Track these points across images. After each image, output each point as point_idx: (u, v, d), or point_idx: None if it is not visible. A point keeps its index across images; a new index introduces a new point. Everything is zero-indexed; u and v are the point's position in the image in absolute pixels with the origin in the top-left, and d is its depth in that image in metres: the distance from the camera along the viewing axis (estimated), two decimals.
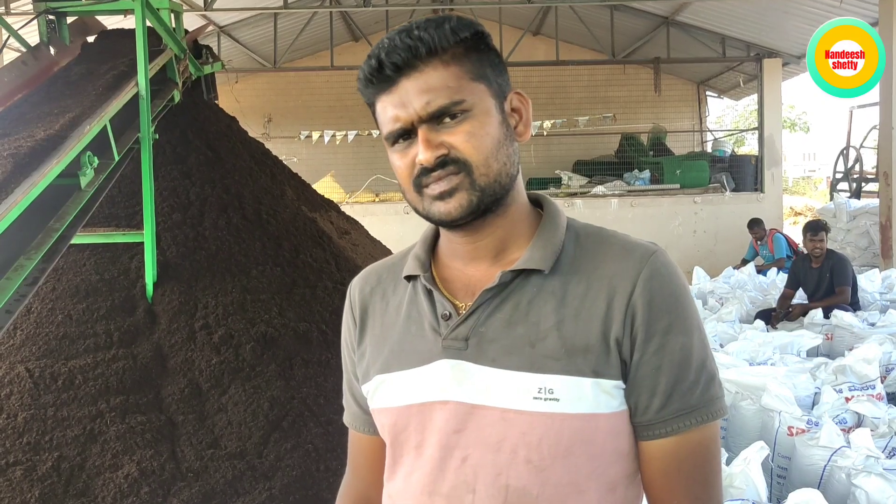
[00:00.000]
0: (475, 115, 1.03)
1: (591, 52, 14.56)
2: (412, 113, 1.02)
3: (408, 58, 1.02)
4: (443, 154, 1.02)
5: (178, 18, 4.57)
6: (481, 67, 1.06)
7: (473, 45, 1.05)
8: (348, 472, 1.29)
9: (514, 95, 1.10)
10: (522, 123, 1.10)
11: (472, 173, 1.02)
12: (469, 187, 1.03)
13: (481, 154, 1.02)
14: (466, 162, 1.02)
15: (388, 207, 12.11)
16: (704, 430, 1.04)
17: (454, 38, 1.03)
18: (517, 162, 1.08)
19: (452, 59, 1.03)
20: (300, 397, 3.42)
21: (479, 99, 1.04)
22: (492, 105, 1.05)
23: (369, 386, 1.15)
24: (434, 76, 1.02)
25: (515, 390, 1.02)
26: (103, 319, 3.53)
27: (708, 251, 11.77)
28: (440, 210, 1.04)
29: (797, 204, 21.77)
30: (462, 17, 1.08)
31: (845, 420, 3.73)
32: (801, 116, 32.24)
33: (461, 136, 1.02)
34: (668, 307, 1.03)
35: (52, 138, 2.94)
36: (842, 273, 6.49)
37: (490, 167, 1.03)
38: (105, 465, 3.04)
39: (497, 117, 1.05)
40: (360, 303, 1.21)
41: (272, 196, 4.59)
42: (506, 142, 1.06)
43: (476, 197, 1.03)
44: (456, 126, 1.02)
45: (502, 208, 1.08)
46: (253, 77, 14.91)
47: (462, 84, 1.03)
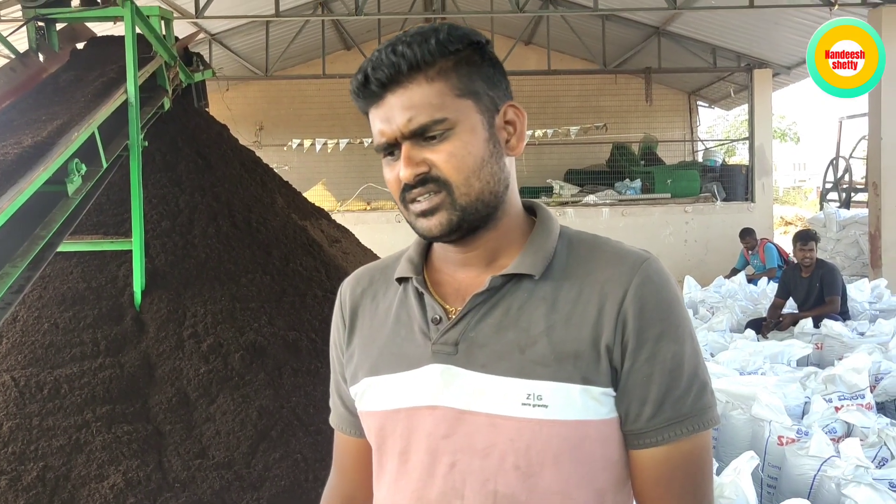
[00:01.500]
0: (458, 134, 1.02)
1: (583, 62, 14.62)
2: (395, 129, 1.02)
3: (391, 74, 1.01)
4: (423, 172, 1.02)
5: (169, 25, 4.56)
6: (470, 82, 1.04)
7: (465, 57, 1.04)
8: (333, 474, 1.28)
9: (509, 108, 1.08)
10: (516, 137, 1.08)
11: (452, 193, 1.02)
12: (449, 207, 1.02)
13: (462, 174, 1.02)
14: (447, 181, 1.02)
15: (380, 216, 12.11)
16: (696, 440, 1.03)
17: (441, 52, 1.02)
18: (506, 178, 1.07)
19: (438, 74, 1.02)
20: (289, 407, 3.40)
21: (463, 116, 1.02)
22: (478, 121, 1.04)
23: (357, 388, 1.14)
24: (417, 93, 1.01)
25: (504, 396, 1.01)
26: (90, 328, 3.50)
27: (699, 260, 11.81)
28: (423, 227, 1.04)
29: (787, 213, 21.87)
30: (456, 27, 1.05)
31: (835, 430, 3.73)
32: (791, 126, 32.45)
33: (442, 155, 1.01)
34: (659, 315, 1.02)
35: (39, 145, 2.92)
36: (831, 283, 6.52)
37: (471, 187, 1.02)
38: (90, 476, 3.01)
39: (483, 134, 1.04)
40: (350, 303, 1.20)
41: (262, 204, 4.57)
42: (491, 159, 1.04)
43: (456, 216, 1.03)
44: (438, 144, 1.01)
45: (493, 222, 1.07)
46: (245, 85, 14.90)
47: (446, 101, 1.01)
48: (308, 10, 12.69)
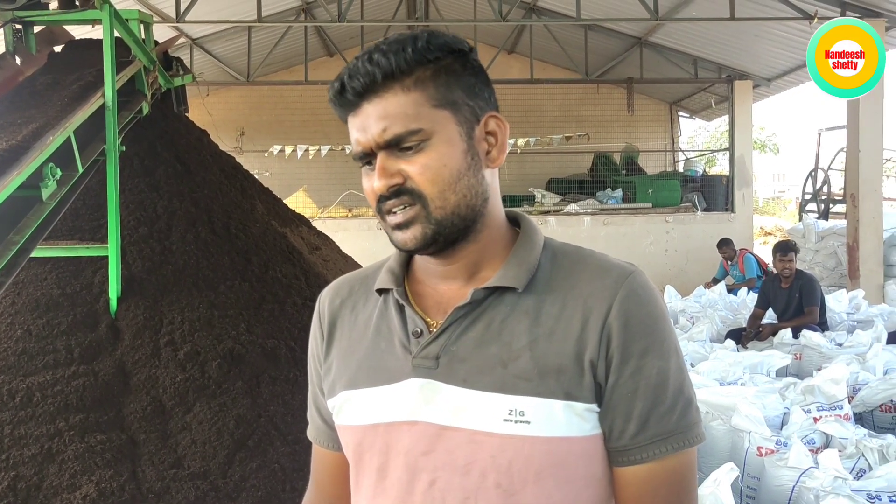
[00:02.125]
0: (433, 145, 1.00)
1: (566, 71, 14.67)
2: (370, 139, 1.00)
3: (367, 83, 1.00)
4: (397, 183, 1.00)
5: (148, 29, 4.52)
6: (449, 92, 1.02)
7: (445, 66, 1.02)
8: (310, 488, 1.25)
9: (491, 118, 1.05)
10: (496, 148, 1.05)
11: (427, 206, 1.00)
12: (424, 220, 1.00)
13: (437, 186, 1.00)
14: (421, 194, 1.00)
15: (361, 223, 12.07)
16: (681, 457, 1.01)
17: (418, 60, 1.00)
18: (485, 190, 1.04)
19: (415, 83, 1.00)
20: (267, 416, 3.36)
21: (439, 127, 1.00)
22: (455, 133, 1.01)
23: (335, 402, 1.12)
24: (393, 103, 0.99)
25: (485, 412, 0.99)
26: (64, 335, 3.45)
27: (679, 270, 11.86)
28: (398, 239, 1.03)
29: (767, 224, 22.03)
30: (438, 34, 1.03)
31: (813, 440, 3.74)
32: (770, 138, 32.76)
33: (417, 167, 0.99)
34: (644, 330, 1.00)
35: (13, 149, 2.87)
36: (810, 293, 6.56)
37: (447, 200, 1.00)
38: (63, 486, 2.95)
39: (461, 146, 1.01)
40: (328, 314, 1.17)
41: (242, 210, 4.53)
42: (469, 172, 1.02)
43: (431, 230, 1.01)
44: (413, 156, 0.99)
45: (472, 235, 1.05)
46: (226, 90, 14.82)
47: (421, 112, 0.99)
48: (291, 15, 12.67)
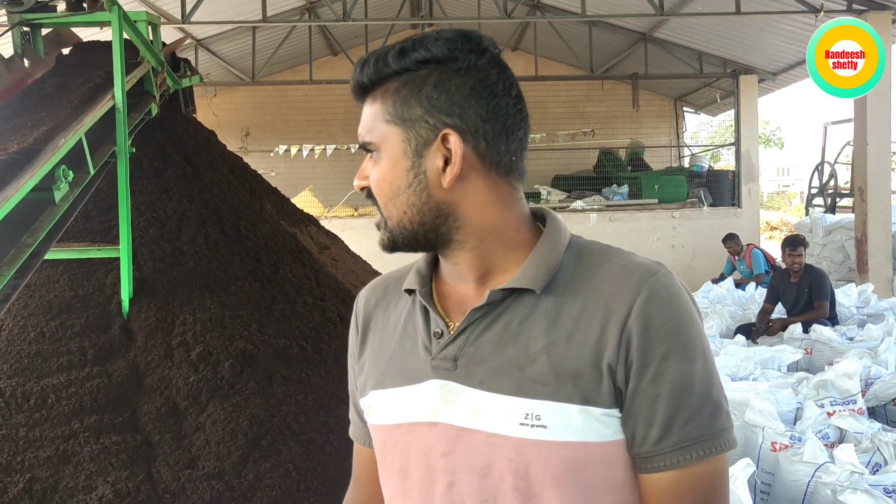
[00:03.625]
0: (379, 160, 1.02)
1: (570, 68, 14.64)
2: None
3: (356, 90, 1.05)
4: (364, 185, 1.05)
5: (156, 31, 4.52)
6: (405, 107, 0.99)
7: (412, 80, 1.00)
8: (351, 485, 1.26)
9: (449, 136, 0.99)
10: (449, 168, 0.99)
11: (381, 213, 1.05)
12: (385, 226, 1.05)
13: (381, 198, 1.03)
14: (377, 201, 1.05)
15: (367, 222, 12.05)
16: (709, 465, 0.98)
17: (386, 74, 1.01)
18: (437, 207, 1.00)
19: (382, 95, 1.02)
20: (280, 415, 3.36)
21: (385, 144, 1.01)
22: (399, 150, 1.00)
23: (366, 401, 1.12)
24: (367, 112, 1.04)
25: (502, 415, 0.98)
26: (77, 337, 3.45)
27: (686, 266, 11.83)
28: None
29: (773, 219, 21.97)
30: (418, 44, 1.00)
31: (828, 435, 3.72)
32: (775, 132, 32.69)
33: (372, 175, 1.04)
34: (666, 333, 0.97)
35: (25, 151, 2.87)
36: (820, 288, 6.53)
37: (390, 212, 1.03)
38: (78, 487, 2.96)
39: (404, 164, 1.00)
40: (363, 314, 1.18)
41: (251, 211, 4.54)
42: (409, 189, 1.00)
43: (387, 237, 1.05)
44: (375, 164, 1.04)
45: (453, 244, 1.03)
46: (231, 91, 14.83)
47: (375, 125, 1.02)
48: (295, 15, 12.66)
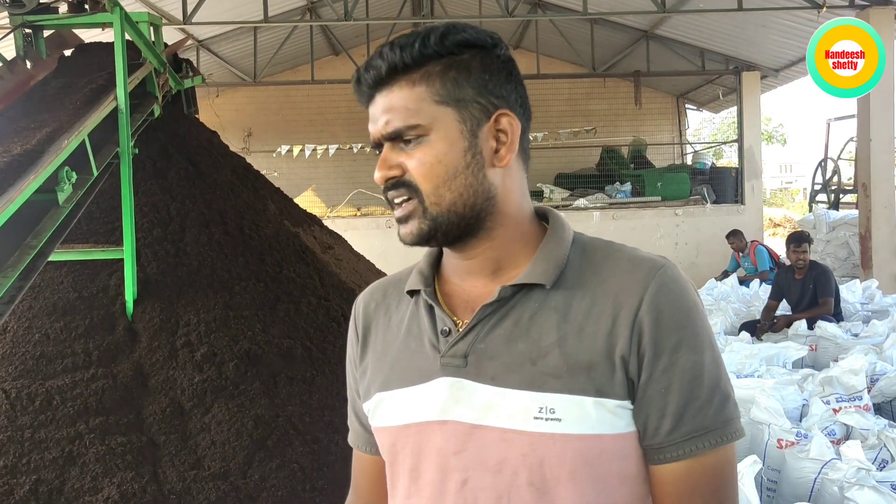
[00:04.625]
0: (430, 142, 0.99)
1: (572, 66, 14.63)
2: (376, 130, 1.02)
3: (375, 76, 1.01)
4: (395, 176, 1.01)
5: (158, 32, 4.52)
6: (456, 88, 1.00)
7: (458, 62, 1.01)
8: (351, 493, 1.25)
9: (503, 116, 1.03)
10: (505, 147, 1.03)
11: (423, 201, 1.01)
12: (421, 215, 1.01)
13: (431, 182, 1.00)
14: (418, 188, 1.01)
15: (370, 221, 12.06)
16: (719, 454, 0.99)
17: (429, 55, 1.00)
18: (488, 189, 1.02)
19: (422, 78, 1.00)
20: (285, 415, 3.36)
21: (438, 124, 1.00)
22: (455, 130, 1.00)
23: (370, 404, 1.12)
24: (398, 96, 1.00)
25: (516, 410, 0.98)
26: (82, 338, 3.45)
27: (690, 263, 11.81)
28: (399, 233, 1.04)
29: (776, 215, 21.93)
30: (460, 28, 1.02)
31: (834, 432, 3.71)
32: (777, 129, 32.67)
33: (414, 161, 1.00)
34: (676, 324, 0.98)
35: (28, 153, 2.87)
36: (824, 284, 6.52)
37: (441, 197, 1.00)
38: (84, 489, 2.96)
39: (461, 144, 1.00)
40: (363, 318, 1.17)
41: (254, 211, 4.53)
42: (467, 171, 1.00)
43: (427, 226, 1.01)
44: (413, 150, 1.00)
45: (483, 232, 1.04)
46: (232, 91, 14.83)
47: (422, 107, 0.99)
48: (296, 15, 12.65)
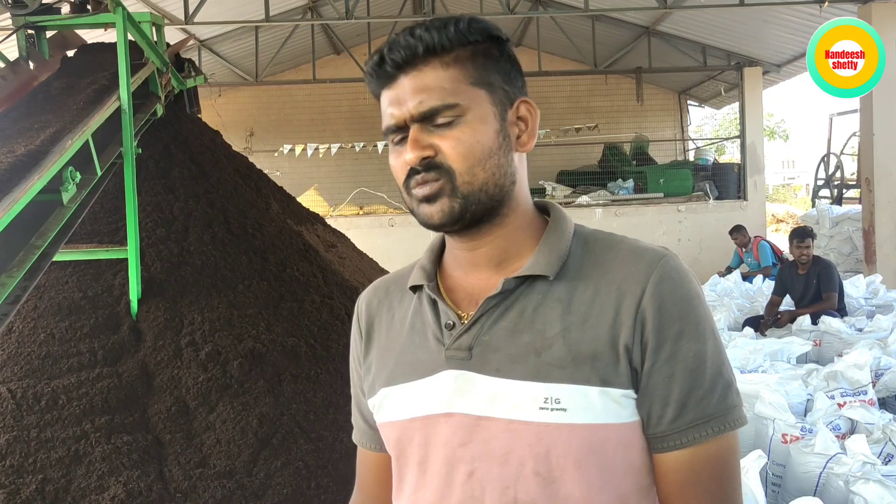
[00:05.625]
0: (468, 122, 1.00)
1: (573, 63, 14.61)
2: (405, 111, 1.01)
3: (407, 56, 1.01)
4: (429, 156, 1.00)
5: (160, 32, 4.52)
6: (486, 73, 1.03)
7: (483, 49, 1.03)
8: (356, 491, 1.26)
9: (523, 104, 1.07)
10: (527, 133, 1.06)
11: (454, 180, 1.00)
12: (451, 194, 1.00)
13: (467, 162, 1.00)
14: (451, 169, 1.00)
15: (373, 220, 12.07)
16: (722, 441, 1.00)
17: (459, 40, 1.01)
18: (514, 172, 1.05)
19: (454, 61, 1.01)
20: (290, 413, 3.37)
21: (475, 104, 1.01)
22: (489, 112, 1.02)
23: (375, 400, 1.12)
24: (431, 76, 1.00)
25: (521, 400, 0.98)
26: (87, 338, 3.46)
27: (693, 259, 11.80)
28: (424, 213, 1.02)
29: (778, 211, 21.91)
30: (478, 19, 1.05)
31: (839, 426, 3.71)
32: (779, 124, 32.61)
33: (450, 141, 1.00)
34: (679, 313, 0.99)
35: (32, 154, 2.88)
36: (828, 279, 6.51)
37: (475, 176, 1.01)
38: (91, 487, 2.97)
39: (494, 125, 1.02)
40: (366, 316, 1.18)
41: (257, 210, 4.54)
42: (499, 152, 1.02)
43: (458, 204, 1.01)
44: (446, 130, 1.00)
45: (498, 218, 1.05)
46: (234, 91, 14.84)
47: (459, 87, 1.01)
48: (298, 14, 12.66)
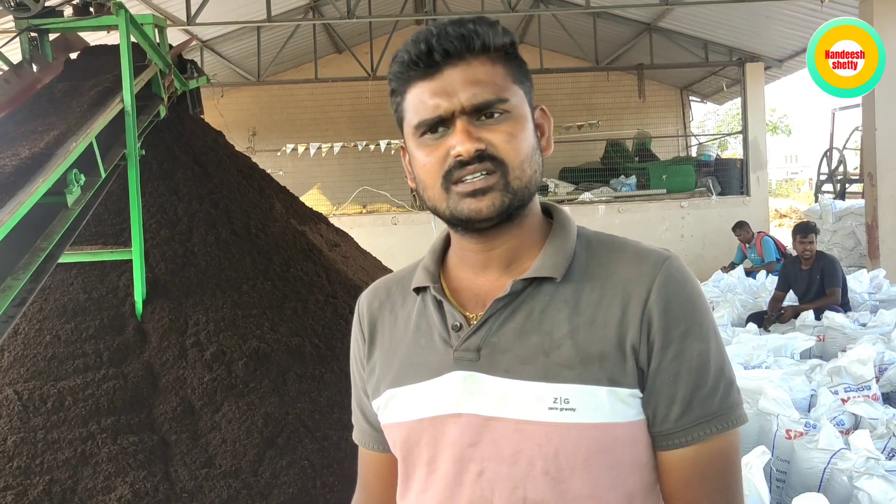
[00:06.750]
0: (515, 118, 1.02)
1: (575, 60, 14.61)
2: (456, 103, 1.00)
3: (460, 47, 1.01)
4: (482, 149, 0.99)
5: (162, 33, 4.53)
6: (521, 74, 1.06)
7: (514, 53, 1.06)
8: (358, 491, 1.26)
9: (539, 111, 1.09)
10: (545, 139, 1.09)
11: (507, 174, 1.01)
12: (503, 188, 1.01)
13: (519, 157, 1.01)
14: (503, 162, 1.00)
15: (376, 219, 12.08)
16: (725, 439, 1.02)
17: (504, 39, 1.04)
18: (542, 172, 1.08)
19: (499, 59, 1.03)
20: (295, 413, 3.38)
21: (519, 102, 1.04)
22: (528, 111, 1.05)
23: (380, 401, 1.13)
24: (482, 70, 1.01)
25: (530, 401, 1.00)
26: (92, 339, 3.48)
27: (696, 255, 11.80)
28: (471, 207, 1.01)
29: (781, 206, 21.88)
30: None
31: (843, 422, 3.72)
32: (782, 119, 32.58)
33: (502, 135, 1.00)
34: (684, 313, 1.01)
35: (37, 156, 2.89)
36: (832, 274, 6.51)
37: (524, 171, 1.02)
38: (97, 488, 2.98)
39: (531, 124, 1.05)
40: (368, 317, 1.19)
41: (261, 210, 4.55)
42: (537, 149, 1.06)
43: (508, 199, 1.01)
44: (496, 125, 1.01)
45: (519, 219, 1.06)
46: (237, 91, 14.86)
47: (507, 84, 1.03)
48: (299, 14, 12.67)
